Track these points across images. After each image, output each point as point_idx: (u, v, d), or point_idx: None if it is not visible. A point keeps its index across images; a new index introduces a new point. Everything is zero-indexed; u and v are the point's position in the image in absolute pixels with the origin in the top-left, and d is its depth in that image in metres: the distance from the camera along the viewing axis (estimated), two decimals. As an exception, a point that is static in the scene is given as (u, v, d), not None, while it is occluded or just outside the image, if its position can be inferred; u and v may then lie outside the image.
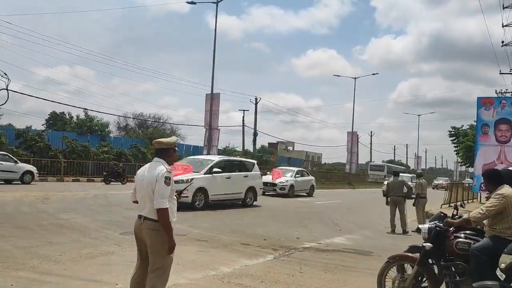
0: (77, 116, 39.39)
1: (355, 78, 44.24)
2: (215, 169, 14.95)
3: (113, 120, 48.71)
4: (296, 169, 26.22)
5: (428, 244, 4.75)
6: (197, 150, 36.99)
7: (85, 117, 37.94)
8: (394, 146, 79.70)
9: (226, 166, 15.76)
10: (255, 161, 18.48)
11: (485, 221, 4.77)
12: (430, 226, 4.91)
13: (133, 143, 33.35)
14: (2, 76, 24.11)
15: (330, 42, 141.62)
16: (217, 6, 25.11)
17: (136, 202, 4.13)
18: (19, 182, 19.92)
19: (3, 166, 19.35)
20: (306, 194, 25.11)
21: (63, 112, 43.69)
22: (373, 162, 64.41)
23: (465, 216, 4.80)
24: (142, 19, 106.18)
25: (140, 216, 3.98)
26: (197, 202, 14.11)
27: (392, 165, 59.89)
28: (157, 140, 4.17)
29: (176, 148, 4.27)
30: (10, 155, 20.56)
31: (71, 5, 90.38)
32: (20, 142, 25.54)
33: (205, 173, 14.60)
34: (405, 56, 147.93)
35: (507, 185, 4.65)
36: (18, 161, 20.45)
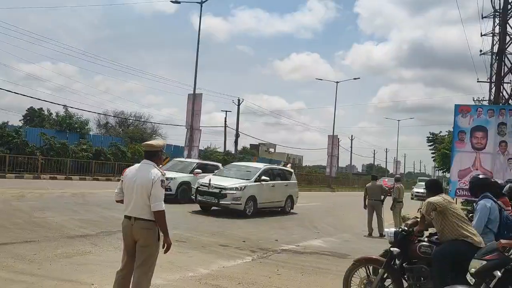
0: (57, 113, 38.74)
1: (337, 82, 44.72)
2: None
3: (93, 118, 47.98)
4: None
5: (395, 248, 4.94)
6: (178, 150, 36.77)
7: (65, 114, 37.34)
8: (374, 150, 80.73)
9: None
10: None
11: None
12: (396, 230, 5.12)
13: (113, 141, 32.93)
14: (-21, 70, 23.59)
15: (314, 46, 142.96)
16: (201, 6, 25.11)
17: (121, 202, 4.25)
18: None
19: None
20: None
21: (41, 109, 43.02)
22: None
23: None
24: (127, 17, 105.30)
25: (129, 217, 4.09)
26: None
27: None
28: (148, 143, 4.32)
29: (163, 151, 4.34)
30: None
31: (55, 1, 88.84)
32: (-4, 138, 24.97)
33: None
34: (387, 62, 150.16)
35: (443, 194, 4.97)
36: None
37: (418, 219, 5.15)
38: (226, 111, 45.86)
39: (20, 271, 5.66)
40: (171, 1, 25.14)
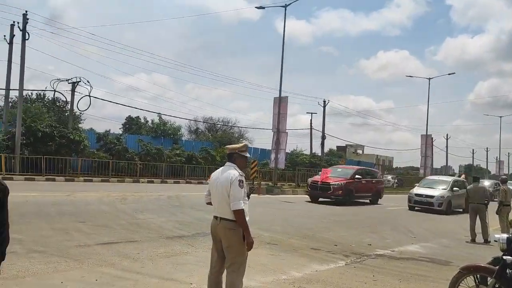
0: (152, 121, 41.30)
1: (429, 79, 42.32)
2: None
3: (185, 124, 50.46)
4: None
5: (509, 257, 4.45)
6: (264, 153, 37.27)
7: (159, 121, 39.68)
8: (473, 150, 74.89)
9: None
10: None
11: None
12: (509, 236, 4.61)
13: (203, 146, 34.28)
14: (85, 83, 25.91)
15: (402, 43, 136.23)
16: (285, 10, 25.20)
17: (210, 204, 4.43)
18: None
19: None
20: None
21: (138, 117, 46.11)
22: None
23: None
24: (214, 26, 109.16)
25: (216, 217, 4.26)
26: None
27: None
28: (229, 146, 4.52)
29: (244, 154, 4.41)
30: None
31: (147, 16, 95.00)
32: (101, 145, 27.18)
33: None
34: (484, 55, 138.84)
35: None
36: None
37: None
38: (312, 113, 45.52)
39: (126, 268, 6.05)
40: (256, 7, 25.67)
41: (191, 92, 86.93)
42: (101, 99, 59.84)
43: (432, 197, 19.23)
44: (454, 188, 19.83)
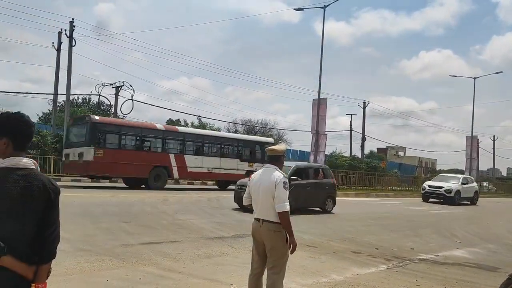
0: (192, 123, 41.98)
1: (474, 78, 40.93)
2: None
3: (224, 126, 51.09)
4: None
5: None
6: (303, 155, 37.11)
7: (199, 123, 40.31)
8: (522, 152, 71.60)
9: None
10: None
11: None
12: None
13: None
14: (128, 88, 26.71)
15: (445, 42, 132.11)
16: (324, 11, 25.06)
17: (250, 205, 4.39)
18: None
19: None
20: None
21: (179, 119, 47.00)
22: None
23: None
24: (254, 30, 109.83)
25: (258, 219, 4.26)
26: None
27: None
28: (270, 148, 4.46)
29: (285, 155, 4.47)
30: None
31: (188, 19, 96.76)
32: (143, 148, 27.86)
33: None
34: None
35: None
36: None
37: None
38: (351, 115, 45.04)
39: (168, 268, 6.18)
40: (294, 9, 25.88)
41: (231, 95, 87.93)
42: (143, 102, 61.88)
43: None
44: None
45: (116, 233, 8.39)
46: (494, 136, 59.06)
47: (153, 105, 54.99)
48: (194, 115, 53.97)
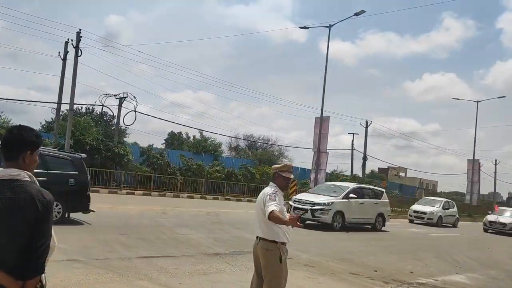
0: (194, 137, 42.04)
1: (477, 102, 41.01)
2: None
3: (225, 141, 51.20)
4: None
5: None
6: (304, 173, 37.00)
7: (201, 137, 40.35)
8: (523, 177, 71.38)
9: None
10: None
11: None
12: None
13: (243, 163, 34.46)
14: (132, 99, 26.82)
15: (449, 66, 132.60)
16: (329, 30, 25.21)
17: None
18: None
19: None
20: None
21: (180, 132, 47.06)
22: None
23: None
24: (260, 46, 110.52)
25: (257, 237, 4.32)
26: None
27: None
28: (273, 166, 4.63)
29: (284, 175, 4.38)
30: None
31: (196, 34, 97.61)
32: (144, 159, 27.90)
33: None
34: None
35: None
36: None
37: None
38: (353, 134, 44.90)
39: (163, 283, 6.11)
40: (300, 27, 25.85)
41: (235, 110, 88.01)
42: (146, 114, 61.53)
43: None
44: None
45: (113, 246, 8.32)
46: (495, 160, 58.95)
47: (155, 117, 54.98)
48: (196, 128, 53.98)
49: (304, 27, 25.80)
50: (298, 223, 3.92)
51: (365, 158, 40.75)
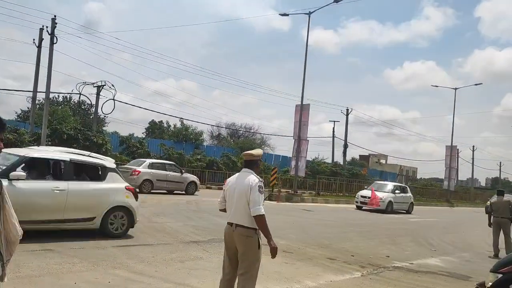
0: (174, 125, 41.72)
1: (455, 89, 41.59)
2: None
3: (207, 130, 50.95)
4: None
5: None
6: (286, 161, 37.16)
7: (181, 126, 40.06)
8: (500, 163, 72.98)
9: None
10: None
11: None
12: None
13: (224, 152, 34.39)
14: (110, 87, 26.38)
15: (429, 54, 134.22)
16: (309, 17, 25.14)
17: (224, 210, 4.38)
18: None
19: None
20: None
21: (161, 121, 46.65)
22: None
23: None
24: (243, 34, 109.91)
25: (231, 224, 4.19)
26: None
27: None
28: (247, 152, 4.42)
29: (260, 161, 4.45)
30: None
31: (178, 22, 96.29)
32: (123, 148, 27.60)
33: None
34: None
35: None
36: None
37: None
38: (334, 121, 45.15)
39: (139, 272, 6.08)
40: (280, 14, 25.69)
41: (218, 99, 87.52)
42: (125, 103, 60.79)
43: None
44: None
45: (89, 235, 8.23)
46: (473, 146, 60.09)
47: (135, 105, 54.46)
48: (177, 117, 53.28)
49: (284, 14, 25.69)
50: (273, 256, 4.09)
51: (346, 146, 41.05)
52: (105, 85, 26.23)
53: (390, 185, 24.84)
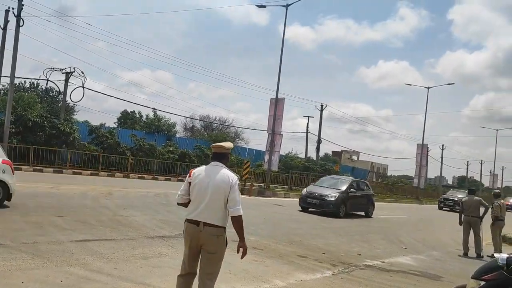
0: (147, 116, 40.81)
1: (428, 88, 42.12)
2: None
3: (181, 121, 50.08)
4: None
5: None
6: (259, 155, 36.92)
7: (154, 116, 39.22)
8: (467, 162, 74.86)
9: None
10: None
11: None
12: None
13: (197, 144, 33.84)
14: (79, 74, 25.46)
15: (403, 55, 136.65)
16: (286, 9, 24.84)
17: (185, 204, 4.06)
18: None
19: None
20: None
21: (134, 111, 45.58)
22: None
23: None
24: (220, 27, 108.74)
25: (197, 222, 3.87)
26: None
27: None
28: (218, 144, 4.12)
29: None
30: None
31: (157, 13, 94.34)
32: (92, 138, 26.72)
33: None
34: (482, 71, 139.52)
35: None
36: None
37: None
38: (309, 117, 45.17)
39: (97, 269, 5.64)
40: (256, 6, 25.26)
41: (194, 91, 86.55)
42: (96, 91, 59.57)
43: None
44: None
45: (46, 228, 7.71)
46: (442, 145, 61.25)
47: (105, 94, 52.82)
48: (149, 107, 52.03)
49: (261, 6, 25.28)
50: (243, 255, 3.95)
51: (319, 141, 41.12)
52: (74, 71, 25.37)
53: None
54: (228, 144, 4.12)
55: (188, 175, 4.09)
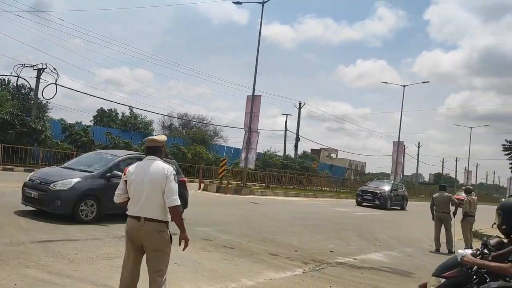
0: (123, 114, 40.19)
1: (404, 86, 42.66)
2: None
3: (158, 119, 49.48)
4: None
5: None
6: (237, 152, 36.78)
7: (130, 114, 38.64)
8: (443, 159, 76.42)
9: None
10: None
11: None
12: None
13: (174, 142, 33.48)
14: (52, 71, 24.84)
15: (381, 54, 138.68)
16: (263, 6, 24.73)
17: (124, 203, 3.94)
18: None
19: None
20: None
21: (111, 109, 44.82)
22: None
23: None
24: (200, 25, 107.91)
25: (138, 218, 3.76)
26: None
27: None
28: (150, 138, 4.09)
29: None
30: None
31: (134, 9, 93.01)
32: (66, 136, 26.13)
33: None
34: (457, 70, 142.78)
35: None
36: None
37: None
38: (287, 115, 45.36)
39: (56, 271, 5.42)
40: (233, 2, 25.05)
41: (173, 89, 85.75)
42: (70, 88, 58.21)
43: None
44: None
45: (7, 229, 7.41)
46: (419, 143, 62.30)
47: (80, 91, 51.74)
48: (126, 105, 51.02)
49: (238, 2, 25.07)
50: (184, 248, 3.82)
51: (297, 139, 41.20)
52: (46, 68, 24.69)
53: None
54: (161, 137, 4.09)
55: (123, 173, 4.00)
